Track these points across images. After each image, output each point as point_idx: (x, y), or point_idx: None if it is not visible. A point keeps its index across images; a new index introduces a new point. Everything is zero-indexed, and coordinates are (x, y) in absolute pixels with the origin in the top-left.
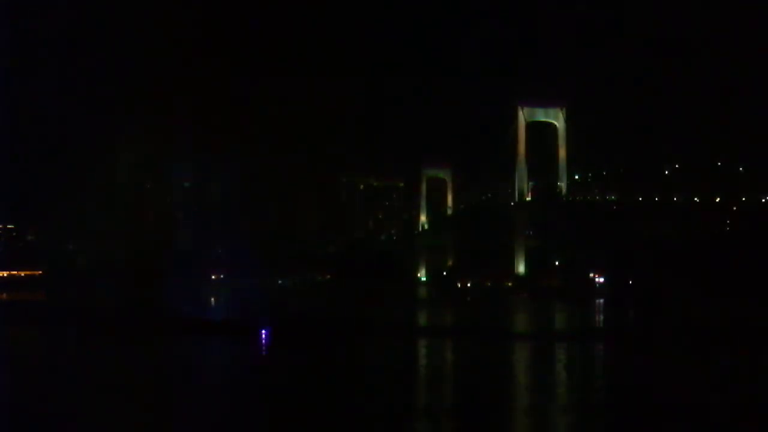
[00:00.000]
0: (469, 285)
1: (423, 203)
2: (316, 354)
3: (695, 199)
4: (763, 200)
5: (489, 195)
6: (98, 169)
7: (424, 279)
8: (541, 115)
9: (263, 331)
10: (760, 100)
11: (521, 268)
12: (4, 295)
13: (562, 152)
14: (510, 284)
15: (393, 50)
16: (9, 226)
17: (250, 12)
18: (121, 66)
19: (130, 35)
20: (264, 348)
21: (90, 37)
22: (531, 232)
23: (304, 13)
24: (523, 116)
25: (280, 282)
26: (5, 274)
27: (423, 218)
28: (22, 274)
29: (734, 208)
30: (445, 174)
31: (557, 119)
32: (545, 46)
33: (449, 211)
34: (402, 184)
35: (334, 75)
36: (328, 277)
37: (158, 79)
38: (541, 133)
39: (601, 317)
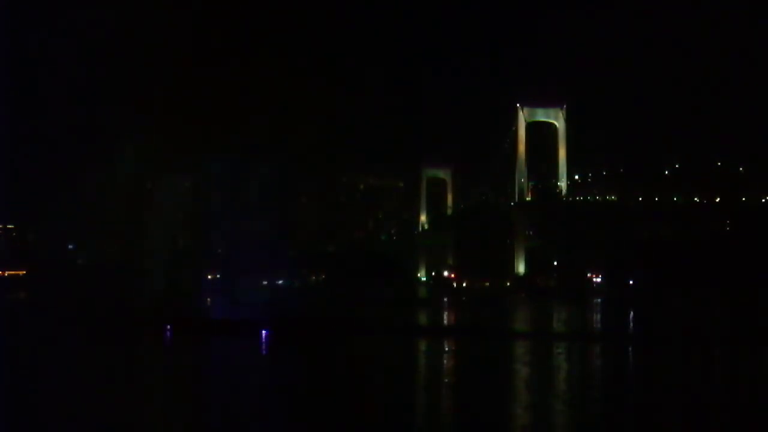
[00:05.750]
0: (464, 285)
1: (423, 203)
2: (315, 353)
3: (695, 199)
4: (763, 200)
5: (489, 195)
6: (98, 169)
7: (424, 279)
8: (541, 115)
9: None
10: (761, 100)
11: (521, 268)
12: None
13: (562, 152)
14: (509, 284)
15: (393, 50)
16: (9, 226)
17: (250, 10)
18: (121, 65)
19: (130, 33)
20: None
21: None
22: (531, 232)
23: (304, 12)
24: (523, 116)
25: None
26: None
27: (423, 218)
28: (5, 274)
29: (734, 208)
30: (445, 174)
31: (557, 119)
32: (545, 46)
33: (449, 211)
34: (402, 184)
35: (335, 75)
36: (323, 277)
37: (159, 78)
38: (541, 133)
39: (598, 316)
